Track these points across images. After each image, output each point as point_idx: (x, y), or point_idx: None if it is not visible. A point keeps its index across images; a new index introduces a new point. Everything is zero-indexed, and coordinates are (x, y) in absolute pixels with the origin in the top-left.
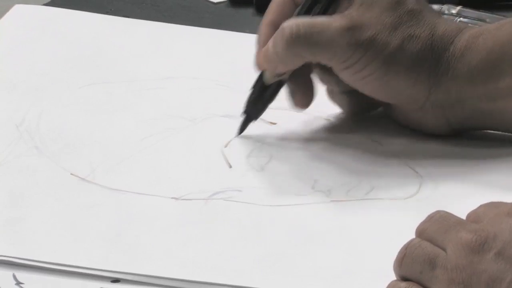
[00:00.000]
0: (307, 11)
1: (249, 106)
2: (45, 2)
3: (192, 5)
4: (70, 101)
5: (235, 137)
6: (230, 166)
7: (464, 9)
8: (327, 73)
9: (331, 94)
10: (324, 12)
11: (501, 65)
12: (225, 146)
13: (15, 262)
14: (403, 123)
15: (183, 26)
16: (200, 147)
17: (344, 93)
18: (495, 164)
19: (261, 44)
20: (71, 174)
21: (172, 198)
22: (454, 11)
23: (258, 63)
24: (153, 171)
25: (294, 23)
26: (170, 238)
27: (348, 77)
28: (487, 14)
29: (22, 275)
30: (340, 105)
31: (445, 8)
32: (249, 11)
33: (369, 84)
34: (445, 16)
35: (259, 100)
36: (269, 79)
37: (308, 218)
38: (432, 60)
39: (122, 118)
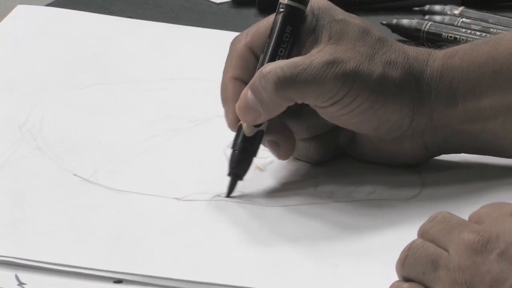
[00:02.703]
0: (272, 57)
1: (235, 166)
2: (47, 3)
3: (194, 6)
4: (72, 102)
5: (224, 197)
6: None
7: (467, 10)
8: (296, 120)
9: (282, 155)
10: (289, 55)
11: (480, 86)
12: (228, 147)
13: (18, 263)
14: (373, 159)
15: (185, 26)
16: (202, 147)
17: (308, 140)
18: (497, 165)
19: (231, 101)
20: (73, 174)
21: (174, 198)
22: (456, 12)
23: (232, 121)
24: (155, 172)
25: (276, 66)
26: (172, 239)
27: (334, 112)
28: (489, 14)
29: (24, 276)
30: (301, 154)
31: (447, 9)
32: (252, 12)
33: (356, 117)
34: (447, 17)
35: (243, 157)
36: (250, 131)
37: (311, 218)
38: (413, 84)
39: (125, 119)
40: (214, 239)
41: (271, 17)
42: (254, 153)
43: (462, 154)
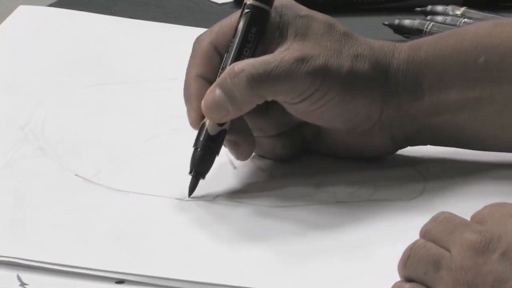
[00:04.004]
0: (237, 56)
1: (197, 164)
2: (49, 3)
3: (197, 6)
4: (74, 102)
5: (188, 198)
6: (235, 167)
7: (469, 10)
8: (263, 118)
9: (241, 156)
10: (253, 54)
11: (446, 79)
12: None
13: (20, 263)
14: (340, 153)
15: (187, 27)
16: None
17: (273, 137)
18: (500, 165)
19: (195, 99)
20: (75, 175)
21: (176, 199)
22: (458, 12)
23: (195, 119)
24: (157, 172)
25: (247, 64)
26: (174, 239)
27: (304, 108)
28: (491, 15)
29: (26, 276)
30: (267, 151)
31: (449, 9)
32: None
33: (326, 112)
34: (449, 18)
35: (206, 156)
36: (214, 130)
37: (313, 219)
38: (381, 76)
39: (127, 119)
40: (215, 239)
41: (235, 15)
42: (216, 151)
43: (464, 154)
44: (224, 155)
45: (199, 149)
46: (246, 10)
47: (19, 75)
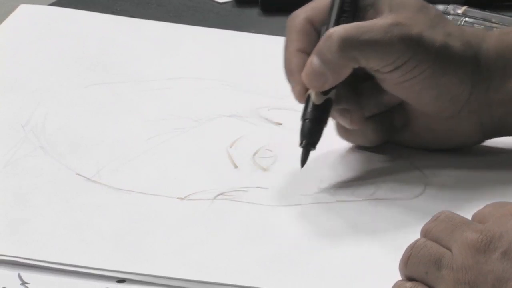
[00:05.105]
0: (336, 24)
1: (306, 135)
2: (50, 2)
3: (197, 5)
4: (75, 101)
5: (301, 168)
6: (236, 166)
7: (470, 9)
8: (356, 99)
9: (355, 121)
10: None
11: None
12: (231, 146)
13: (21, 262)
14: (427, 142)
15: (189, 26)
16: (205, 147)
17: (368, 120)
18: (501, 164)
19: (297, 72)
20: (76, 174)
21: (177, 198)
22: (459, 11)
23: (300, 92)
24: (158, 171)
25: (340, 28)
26: (175, 238)
27: (396, 79)
28: (492, 14)
29: (27, 275)
30: (358, 135)
31: (450, 8)
32: (255, 11)
33: (417, 85)
34: (450, 17)
35: (314, 126)
36: (318, 99)
37: (314, 218)
38: (472, 57)
39: (128, 118)
40: (217, 238)
41: None
42: (324, 121)
43: (465, 153)
44: (225, 154)
45: (307, 120)
46: None
47: (20, 74)
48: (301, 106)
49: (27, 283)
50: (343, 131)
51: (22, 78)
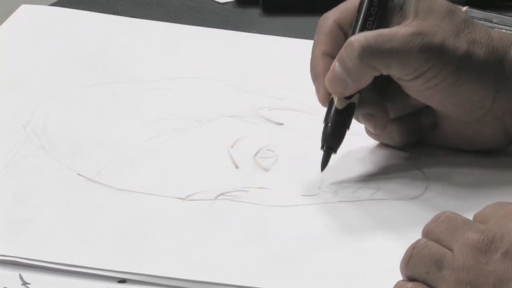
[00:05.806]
0: (360, 30)
1: (328, 139)
2: (51, 2)
3: (198, 5)
4: (76, 102)
5: (321, 172)
6: (237, 167)
7: (471, 10)
8: (386, 98)
9: (378, 126)
10: (377, 28)
11: None
12: (232, 147)
13: (22, 263)
14: (453, 143)
15: (189, 26)
16: (206, 147)
17: (391, 121)
18: (502, 164)
19: (322, 76)
20: (77, 174)
21: (178, 198)
22: None
23: (323, 96)
24: (159, 172)
25: (361, 35)
26: (176, 239)
27: (418, 86)
28: (493, 14)
29: (28, 276)
30: (387, 136)
31: None
32: (256, 11)
33: (439, 92)
34: None
35: (336, 130)
36: (341, 103)
37: (315, 218)
38: (496, 65)
39: (129, 119)
40: (217, 238)
41: None
42: (346, 125)
43: (466, 154)
44: (226, 155)
45: (329, 124)
46: None
47: (21, 74)
48: (301, 107)
49: (28, 284)
50: (369, 131)
51: (22, 78)
